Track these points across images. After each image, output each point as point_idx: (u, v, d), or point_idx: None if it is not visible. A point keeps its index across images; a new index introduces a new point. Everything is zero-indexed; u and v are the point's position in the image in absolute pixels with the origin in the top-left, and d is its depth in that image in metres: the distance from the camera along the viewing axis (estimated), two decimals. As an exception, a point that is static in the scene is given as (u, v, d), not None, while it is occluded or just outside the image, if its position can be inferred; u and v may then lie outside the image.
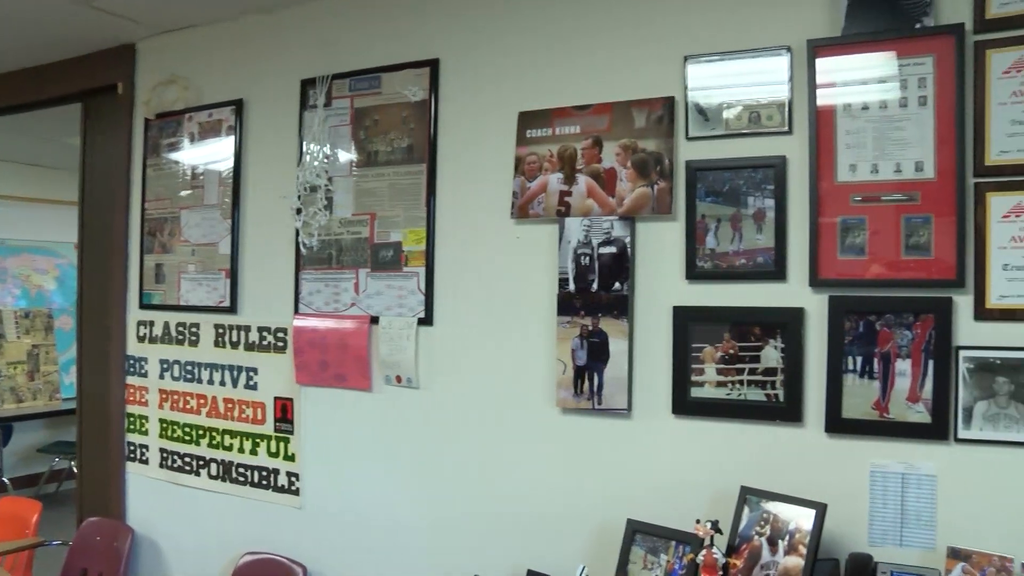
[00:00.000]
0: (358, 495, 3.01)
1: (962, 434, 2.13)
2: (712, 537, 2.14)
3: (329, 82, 3.08)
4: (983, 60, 2.14)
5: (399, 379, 2.91)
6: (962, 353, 2.13)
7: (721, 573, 2.12)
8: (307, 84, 3.14)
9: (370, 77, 3.01)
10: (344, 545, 3.03)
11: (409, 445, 2.90)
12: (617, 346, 2.50)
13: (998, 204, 2.13)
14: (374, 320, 2.96)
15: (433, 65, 2.88)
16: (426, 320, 2.86)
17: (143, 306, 3.60)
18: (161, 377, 3.53)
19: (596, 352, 2.52)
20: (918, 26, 2.20)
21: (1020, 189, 2.10)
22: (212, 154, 3.39)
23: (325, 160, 3.07)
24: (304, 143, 3.11)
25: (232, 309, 3.31)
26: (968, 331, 2.13)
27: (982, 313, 2.12)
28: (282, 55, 3.22)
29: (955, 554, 2.03)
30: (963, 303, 2.14)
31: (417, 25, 2.94)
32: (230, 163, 3.32)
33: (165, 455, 3.50)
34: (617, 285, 2.50)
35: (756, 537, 2.16)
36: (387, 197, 2.95)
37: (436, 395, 2.86)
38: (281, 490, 3.17)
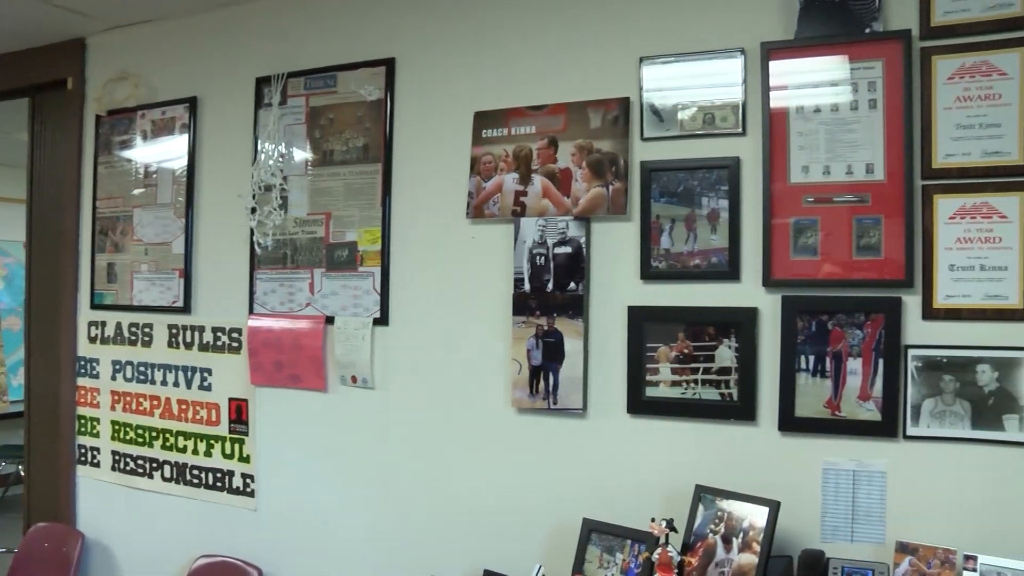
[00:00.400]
0: (314, 496, 2.95)
1: (911, 431, 2.15)
2: (667, 535, 2.13)
3: (284, 80, 3.02)
4: (929, 66, 2.16)
5: (354, 379, 2.86)
6: (911, 352, 2.15)
7: (676, 571, 2.11)
8: (262, 82, 3.07)
9: (325, 76, 2.96)
10: (300, 546, 2.97)
11: (365, 446, 2.86)
12: (572, 346, 2.48)
13: (944, 206, 2.15)
14: (329, 320, 2.91)
15: (389, 64, 2.84)
16: (381, 320, 2.82)
17: (94, 306, 3.50)
18: (113, 378, 3.43)
19: (551, 352, 2.50)
20: (868, 31, 2.21)
21: (965, 192, 2.13)
22: (165, 152, 3.30)
23: (280, 159, 3.01)
24: (259, 142, 3.05)
25: (186, 309, 3.24)
26: (916, 330, 2.15)
27: (929, 313, 2.14)
28: (237, 52, 3.15)
29: (903, 548, 2.05)
30: (912, 303, 2.16)
31: (373, 24, 2.89)
32: (184, 161, 3.24)
33: (117, 458, 3.41)
34: (572, 285, 2.48)
35: (711, 535, 2.16)
36: (342, 197, 2.91)
37: (391, 395, 2.81)
38: (236, 492, 3.10)
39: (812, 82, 2.26)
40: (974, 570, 1.92)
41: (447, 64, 2.75)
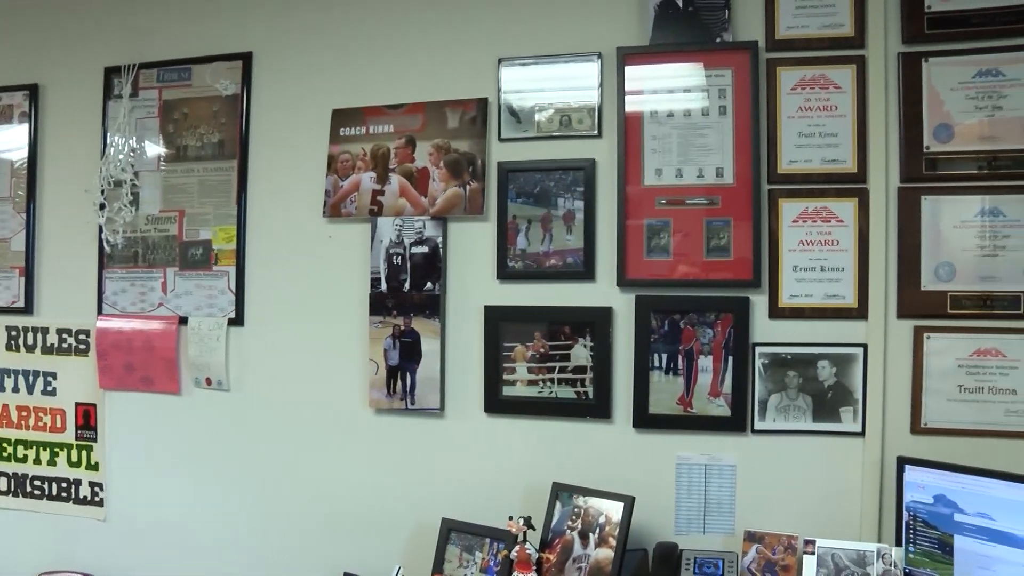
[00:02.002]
0: (167, 503, 2.70)
1: (758, 425, 2.16)
2: (525, 533, 2.07)
3: (135, 71, 2.74)
4: (774, 76, 2.18)
5: (209, 381, 2.64)
6: (758, 349, 2.16)
7: (535, 568, 2.06)
8: (111, 72, 2.77)
9: (180, 68, 2.71)
10: (153, 556, 2.70)
11: (220, 449, 2.64)
12: (429, 346, 2.38)
13: (789, 209, 2.16)
14: (183, 321, 2.68)
15: (246, 59, 2.63)
16: (237, 320, 2.62)
17: (-79, 307, 3.06)
18: (-57, 384, 3.01)
19: (408, 352, 2.39)
20: (718, 40, 2.20)
21: (807, 196, 2.15)
22: (2, 142, 2.92)
23: (131, 154, 2.74)
24: (108, 135, 2.76)
25: (27, 310, 2.88)
26: (763, 329, 2.16)
27: (775, 312, 2.16)
28: (83, 39, 2.83)
29: (751, 537, 2.06)
30: (759, 302, 2.16)
31: (230, 16, 2.66)
32: (24, 152, 2.88)
33: (-54, 471, 2.99)
34: (429, 285, 2.38)
35: (568, 531, 2.10)
36: (196, 194, 2.67)
37: (247, 397, 2.61)
38: (83, 502, 2.80)
39: (666, 87, 2.24)
40: (812, 553, 1.95)
41: (305, 60, 2.57)
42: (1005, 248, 2.02)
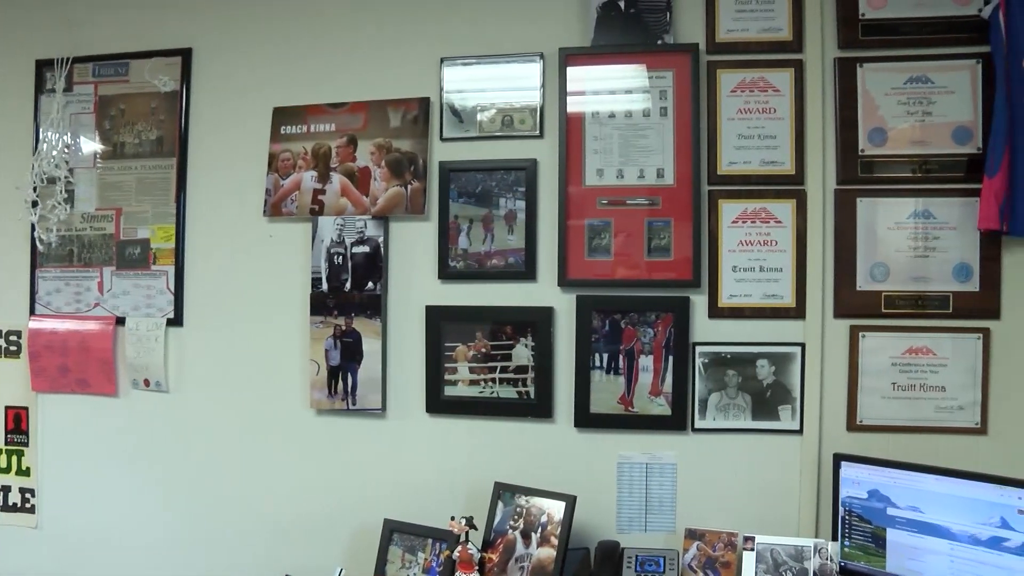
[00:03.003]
0: (104, 509, 2.61)
1: (698, 424, 2.17)
2: (467, 533, 2.05)
3: (69, 65, 2.64)
4: (715, 78, 2.19)
5: (147, 383, 2.56)
6: (698, 349, 2.16)
7: (477, 568, 2.04)
8: (44, 65, 2.67)
9: (116, 63, 2.62)
10: (88, 565, 2.61)
11: (159, 452, 2.56)
12: (370, 346, 2.34)
13: (728, 210, 2.17)
14: (120, 321, 2.59)
15: (185, 55, 2.56)
16: (175, 321, 2.54)
17: None
18: None
19: (349, 352, 2.35)
20: (659, 42, 2.21)
21: (746, 197, 2.16)
22: (-74, 136, 2.79)
23: (65, 150, 2.64)
24: (41, 130, 2.66)
25: (-45, 311, 2.75)
26: (703, 328, 2.17)
27: (715, 312, 2.16)
28: (13, 30, 2.71)
29: (692, 534, 2.08)
30: (699, 302, 2.17)
31: (169, 11, 2.59)
32: (-50, 148, 2.76)
33: None
34: (370, 285, 2.35)
35: (510, 531, 2.08)
36: (134, 192, 2.59)
37: (187, 399, 2.54)
38: (13, 509, 2.69)
39: (607, 88, 2.23)
40: (752, 549, 1.98)
41: (246, 58, 2.51)
42: (935, 249, 2.06)
